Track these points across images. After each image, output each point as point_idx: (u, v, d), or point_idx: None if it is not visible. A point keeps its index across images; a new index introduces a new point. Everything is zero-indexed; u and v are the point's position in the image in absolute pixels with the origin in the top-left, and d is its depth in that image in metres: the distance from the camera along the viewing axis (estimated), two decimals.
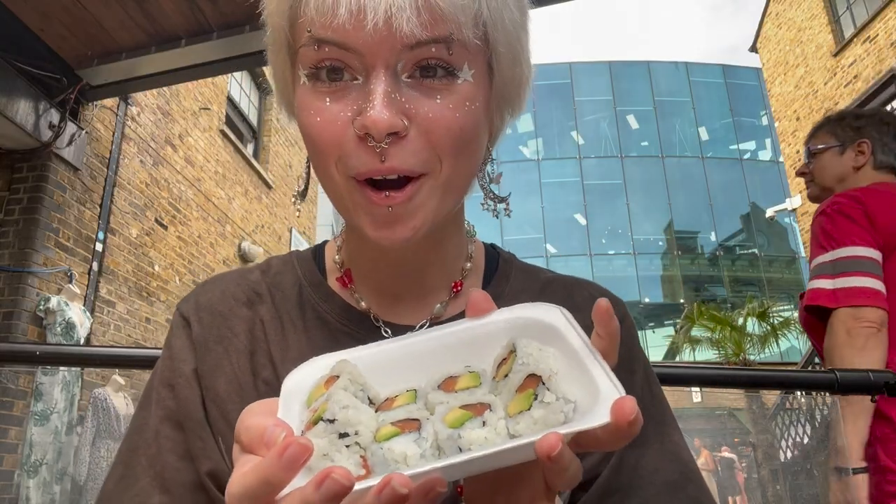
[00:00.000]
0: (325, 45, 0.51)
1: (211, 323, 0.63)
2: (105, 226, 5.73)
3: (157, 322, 6.52)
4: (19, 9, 4.36)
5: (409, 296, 0.65)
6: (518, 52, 0.58)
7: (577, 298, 0.69)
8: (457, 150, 0.54)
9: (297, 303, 0.65)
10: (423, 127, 0.52)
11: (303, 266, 0.69)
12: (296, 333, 0.63)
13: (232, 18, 4.50)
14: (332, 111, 0.52)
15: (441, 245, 0.64)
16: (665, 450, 0.62)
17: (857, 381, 1.46)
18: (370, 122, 0.49)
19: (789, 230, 24.91)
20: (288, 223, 10.29)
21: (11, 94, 4.54)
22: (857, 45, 12.31)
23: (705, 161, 26.24)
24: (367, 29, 0.48)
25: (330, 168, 0.54)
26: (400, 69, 0.51)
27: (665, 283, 25.45)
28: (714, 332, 15.67)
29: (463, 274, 0.67)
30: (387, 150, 0.51)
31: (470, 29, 0.51)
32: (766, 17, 15.60)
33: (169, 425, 0.60)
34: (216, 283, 0.68)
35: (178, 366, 0.62)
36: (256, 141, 9.66)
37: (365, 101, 0.51)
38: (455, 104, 0.53)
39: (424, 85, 0.52)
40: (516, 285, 0.69)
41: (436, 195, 0.55)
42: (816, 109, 13.38)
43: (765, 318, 15.41)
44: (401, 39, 0.49)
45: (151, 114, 6.63)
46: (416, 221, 0.54)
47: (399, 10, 0.48)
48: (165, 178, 6.85)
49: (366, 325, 0.64)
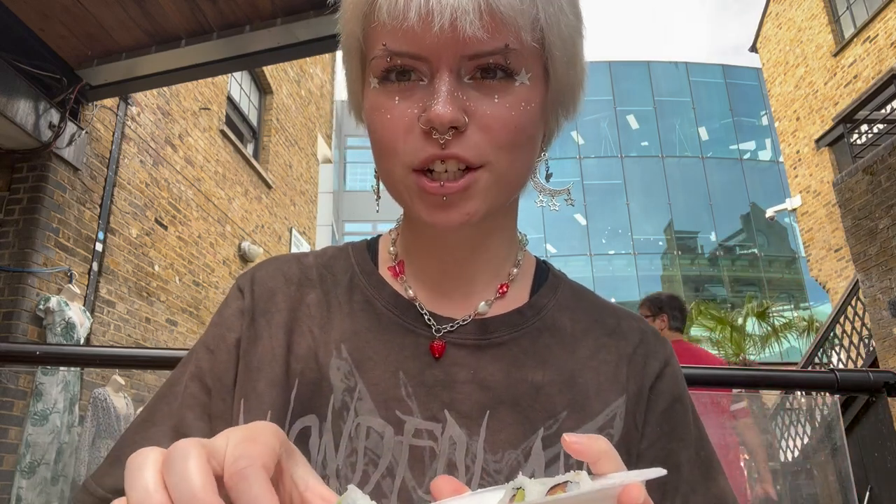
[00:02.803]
0: (397, 56, 0.56)
1: (260, 296, 0.67)
2: (105, 226, 5.73)
3: (157, 322, 6.52)
4: (19, 9, 4.36)
5: (456, 291, 0.67)
6: (573, 56, 0.61)
7: (625, 328, 0.71)
8: (512, 145, 0.57)
9: (346, 287, 0.69)
10: (481, 123, 0.56)
11: (357, 254, 0.72)
12: (341, 315, 0.66)
13: (232, 18, 4.50)
14: (401, 108, 0.57)
15: (489, 244, 0.67)
16: (710, 494, 0.65)
17: (857, 381, 1.46)
18: (434, 115, 0.53)
19: (789, 230, 24.91)
20: (288, 223, 10.29)
21: (11, 94, 4.54)
22: (857, 45, 12.31)
23: (705, 161, 26.23)
24: (433, 31, 0.52)
25: (394, 159, 0.58)
26: (462, 73, 0.56)
27: (665, 283, 25.44)
28: (714, 332, 15.68)
29: (510, 278, 0.70)
30: (449, 140, 0.55)
31: (528, 33, 0.55)
32: (766, 17, 15.61)
33: (197, 384, 0.64)
34: (273, 262, 0.72)
35: (224, 333, 0.66)
36: (256, 141, 9.66)
37: (430, 99, 0.55)
38: (512, 104, 0.56)
39: (485, 85, 0.56)
40: (563, 300, 0.71)
41: (491, 187, 0.58)
42: (816, 109, 13.39)
43: (765, 318, 15.42)
44: (464, 45, 0.54)
45: (151, 114, 6.63)
46: (470, 208, 0.58)
47: (463, 13, 0.51)
48: (165, 178, 6.85)
49: (411, 313, 0.66)
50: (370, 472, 0.59)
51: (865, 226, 7.51)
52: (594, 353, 0.67)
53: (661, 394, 0.67)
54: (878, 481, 1.87)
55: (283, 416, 0.60)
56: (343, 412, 0.60)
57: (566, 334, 0.68)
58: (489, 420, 0.61)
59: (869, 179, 7.48)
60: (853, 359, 8.99)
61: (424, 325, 0.65)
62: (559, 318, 0.69)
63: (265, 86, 9.77)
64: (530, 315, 0.68)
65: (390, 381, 0.62)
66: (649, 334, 0.71)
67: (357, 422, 0.60)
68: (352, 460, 0.59)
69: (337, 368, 0.62)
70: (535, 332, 0.67)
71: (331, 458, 0.59)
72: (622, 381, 0.65)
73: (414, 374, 0.62)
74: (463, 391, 0.62)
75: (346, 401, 0.61)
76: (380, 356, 0.63)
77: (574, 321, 0.69)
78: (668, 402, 0.67)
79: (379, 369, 0.62)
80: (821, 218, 13.14)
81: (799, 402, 7.87)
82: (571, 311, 0.70)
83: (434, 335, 0.64)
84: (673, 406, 0.67)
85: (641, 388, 0.66)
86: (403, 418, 0.60)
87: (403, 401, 0.61)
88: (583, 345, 0.67)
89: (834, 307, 10.13)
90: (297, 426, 0.60)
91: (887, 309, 7.13)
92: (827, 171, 12.88)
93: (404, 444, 0.59)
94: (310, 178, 11.55)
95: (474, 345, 0.64)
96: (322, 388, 0.62)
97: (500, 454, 0.59)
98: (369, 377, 0.62)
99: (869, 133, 9.60)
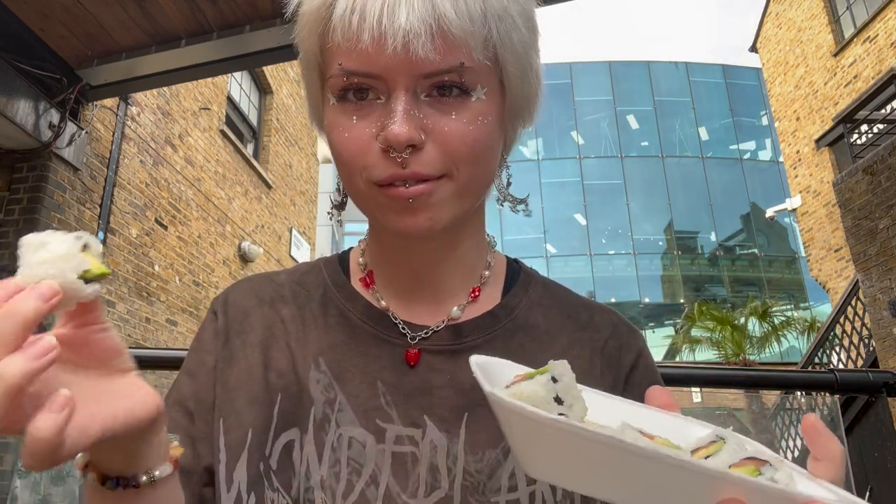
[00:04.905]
0: (353, 75, 0.57)
1: (234, 317, 0.69)
2: (105, 226, 5.73)
3: (157, 322, 6.52)
4: (19, 9, 4.36)
5: (427, 297, 0.69)
6: (527, 69, 0.62)
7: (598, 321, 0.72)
8: (472, 158, 0.58)
9: (320, 302, 0.70)
10: (439, 139, 0.57)
11: (328, 268, 0.74)
12: (317, 329, 0.67)
13: (232, 18, 4.50)
14: (359, 127, 0.58)
15: (458, 249, 0.68)
16: None
17: (857, 381, 1.46)
18: (392, 135, 0.55)
19: (789, 230, 24.90)
20: (288, 223, 10.29)
21: (11, 94, 4.54)
22: (857, 45, 12.31)
23: (705, 161, 26.22)
24: (387, 52, 0.53)
25: (356, 177, 0.59)
26: (419, 91, 0.57)
27: (665, 283, 25.44)
28: (714, 332, 15.68)
29: (482, 281, 0.71)
30: (407, 159, 0.56)
31: (480, 52, 0.56)
32: (766, 17, 15.61)
33: (179, 410, 0.65)
34: (246, 282, 0.74)
35: (203, 357, 0.68)
36: (256, 141, 9.66)
37: (387, 118, 0.56)
38: (469, 119, 0.57)
39: (441, 103, 0.57)
40: (535, 298, 0.72)
41: (454, 195, 0.59)
42: (816, 109, 13.39)
43: (765, 318, 15.43)
44: (417, 66, 0.54)
45: (151, 114, 6.63)
46: (435, 213, 0.59)
47: (415, 35, 0.52)
48: (165, 178, 6.85)
49: (385, 322, 0.67)
50: (354, 481, 0.60)
51: (865, 226, 7.51)
52: (567, 349, 0.68)
53: (638, 385, 0.68)
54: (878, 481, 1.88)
55: (266, 431, 0.62)
56: (325, 424, 0.62)
57: (540, 332, 0.69)
58: (468, 422, 0.62)
59: (869, 179, 7.48)
60: (853, 359, 8.99)
61: (399, 335, 0.66)
62: (531, 316, 0.70)
63: (265, 86, 9.77)
64: (502, 316, 0.69)
65: (369, 392, 0.63)
66: (621, 326, 0.72)
67: (339, 433, 0.61)
68: (335, 470, 0.60)
69: (316, 381, 0.64)
70: (508, 333, 0.68)
71: (314, 470, 0.60)
72: (596, 375, 0.67)
73: (392, 383, 0.63)
74: (441, 396, 0.63)
75: (327, 413, 0.62)
76: (357, 367, 0.64)
77: (547, 318, 0.70)
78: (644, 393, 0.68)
79: (357, 380, 0.64)
80: (821, 218, 13.14)
81: (799, 402, 7.87)
82: (544, 308, 0.71)
83: (409, 343, 0.65)
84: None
85: (616, 380, 0.68)
86: (384, 426, 0.62)
87: (383, 409, 0.62)
88: (556, 341, 0.68)
89: (834, 307, 10.14)
90: (281, 440, 0.62)
91: (887, 309, 7.13)
92: (827, 171, 12.88)
93: (386, 452, 0.61)
94: (310, 178, 11.55)
95: (449, 350, 0.65)
96: (303, 401, 0.63)
97: (481, 454, 0.61)
98: (348, 389, 0.63)
99: (869, 133, 9.60)
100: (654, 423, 0.44)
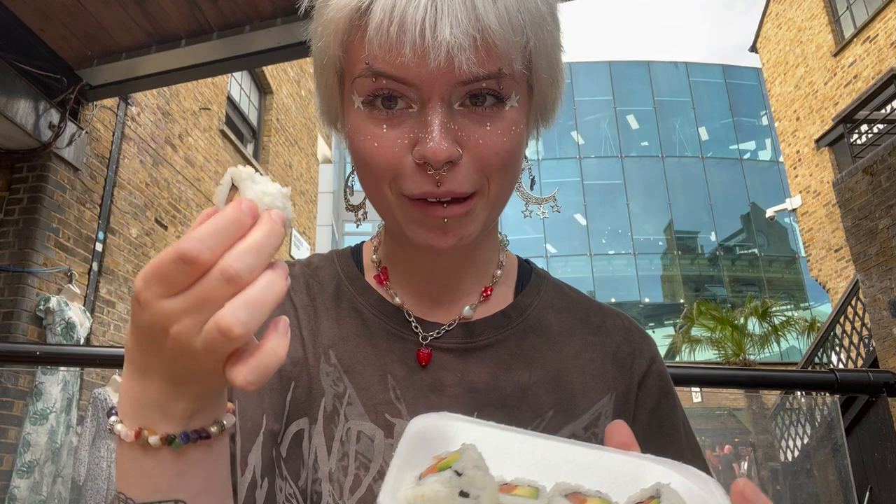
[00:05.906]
0: (382, 77, 0.54)
1: None
2: (105, 226, 5.73)
3: None
4: (19, 9, 4.36)
5: (441, 297, 0.69)
6: (556, 72, 0.62)
7: (610, 325, 0.71)
8: (503, 170, 0.58)
9: (333, 294, 0.69)
10: (474, 153, 0.56)
11: (342, 262, 0.73)
12: (328, 321, 0.67)
13: (232, 18, 4.50)
14: (389, 138, 0.56)
15: (474, 252, 0.68)
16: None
17: (857, 381, 1.46)
18: (430, 153, 0.53)
19: (789, 230, 24.90)
20: None
21: (11, 94, 4.53)
22: (857, 45, 12.30)
23: (705, 161, 26.21)
24: (429, 67, 0.52)
25: (383, 187, 0.58)
26: (453, 100, 0.55)
27: (665, 283, 25.43)
28: (714, 332, 15.68)
29: (494, 280, 0.71)
30: (444, 176, 0.55)
31: (518, 61, 0.55)
32: (766, 17, 15.60)
33: None
34: None
35: None
36: (256, 141, 9.66)
37: (422, 130, 0.54)
38: (503, 130, 0.56)
39: (476, 113, 0.56)
40: (547, 299, 0.72)
41: (486, 210, 0.59)
42: (816, 109, 13.39)
43: (765, 318, 15.42)
44: (458, 76, 0.53)
45: (151, 114, 6.63)
46: (466, 231, 0.59)
47: (460, 50, 0.51)
48: (165, 178, 6.85)
49: (398, 318, 0.67)
50: (362, 475, 0.60)
51: (865, 226, 7.50)
52: (580, 352, 0.68)
53: (650, 391, 0.68)
54: (878, 481, 1.87)
55: (280, 419, 0.61)
56: (334, 416, 0.61)
57: (552, 333, 0.69)
58: None
59: (869, 179, 7.48)
60: (853, 359, 8.99)
61: (412, 332, 0.66)
62: (544, 317, 0.70)
63: (265, 86, 9.76)
64: (514, 316, 0.69)
65: (379, 386, 0.63)
66: (634, 332, 0.72)
67: (348, 426, 0.61)
68: (343, 464, 0.60)
69: (326, 374, 0.63)
70: (521, 333, 0.68)
71: (323, 462, 0.60)
72: (608, 380, 0.66)
73: (402, 378, 0.63)
74: (451, 394, 0.63)
75: (337, 405, 0.62)
76: (368, 361, 0.64)
77: (559, 320, 0.70)
78: (656, 400, 0.68)
79: (367, 374, 0.63)
80: (821, 218, 13.14)
81: (799, 402, 7.87)
82: (556, 310, 0.71)
83: (421, 342, 0.65)
84: (660, 403, 0.69)
85: (630, 387, 0.67)
86: (393, 421, 0.61)
87: (392, 404, 0.62)
88: (568, 344, 0.68)
89: (834, 307, 10.13)
90: (292, 428, 0.61)
91: (887, 309, 7.12)
92: (827, 171, 12.88)
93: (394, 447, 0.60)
94: (310, 178, 11.55)
95: (460, 349, 0.65)
96: (313, 392, 0.63)
97: None
98: (358, 382, 0.63)
99: (869, 133, 9.59)
100: (601, 470, 0.44)
